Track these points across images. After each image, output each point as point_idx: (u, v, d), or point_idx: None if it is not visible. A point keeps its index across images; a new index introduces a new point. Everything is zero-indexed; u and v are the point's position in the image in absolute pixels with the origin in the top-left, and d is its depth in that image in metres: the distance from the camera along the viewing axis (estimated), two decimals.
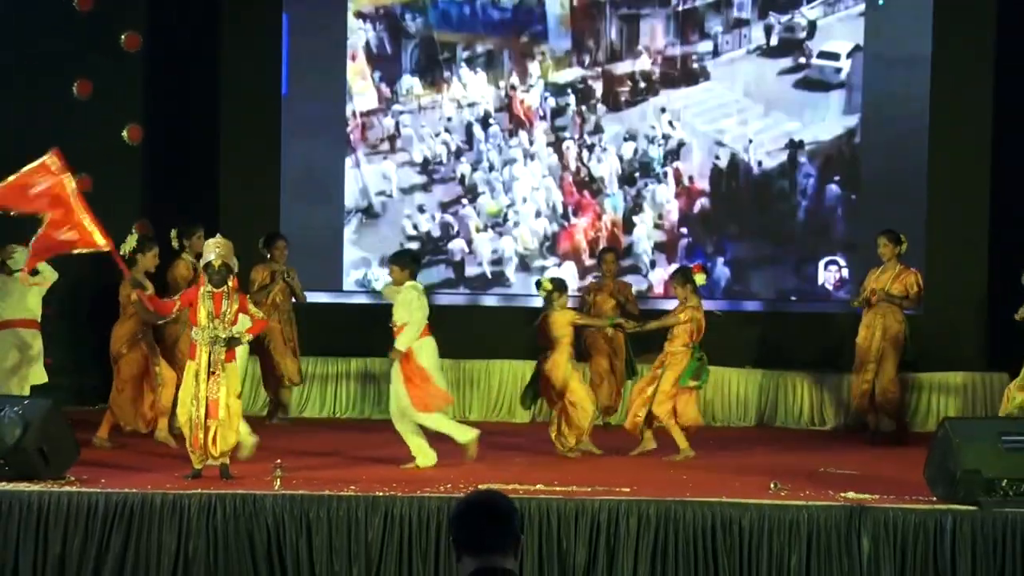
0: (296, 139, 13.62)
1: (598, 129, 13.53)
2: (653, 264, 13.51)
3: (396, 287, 10.06)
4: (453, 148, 13.64)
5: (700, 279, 10.65)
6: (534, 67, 13.58)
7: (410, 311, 9.89)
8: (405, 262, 10.18)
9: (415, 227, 13.70)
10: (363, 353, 13.28)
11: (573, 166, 13.58)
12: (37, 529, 8.35)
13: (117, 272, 10.48)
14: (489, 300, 13.74)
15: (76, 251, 9.48)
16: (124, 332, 10.81)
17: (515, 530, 4.28)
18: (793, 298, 13.61)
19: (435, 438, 10.03)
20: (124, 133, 13.44)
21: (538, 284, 10.90)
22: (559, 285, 10.81)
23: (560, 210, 13.59)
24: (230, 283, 9.26)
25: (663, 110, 13.45)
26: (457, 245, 13.67)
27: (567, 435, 10.67)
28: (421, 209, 13.69)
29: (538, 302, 11.42)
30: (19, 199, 9.36)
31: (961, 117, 13.16)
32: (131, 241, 10.80)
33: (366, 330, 13.37)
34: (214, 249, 9.24)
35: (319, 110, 13.66)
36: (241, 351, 9.78)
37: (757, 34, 13.41)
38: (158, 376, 10.76)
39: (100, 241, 9.35)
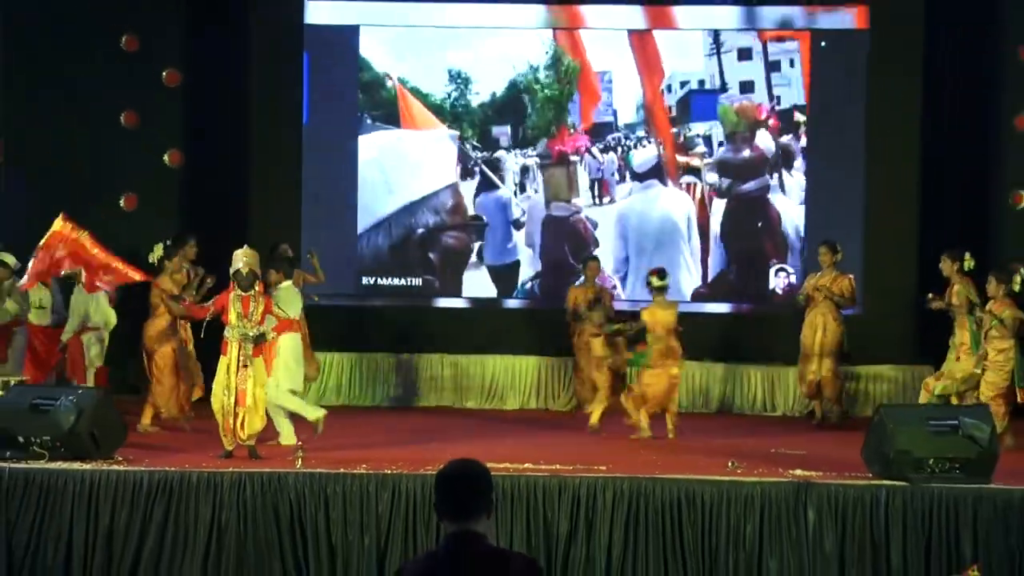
0: (315, 161, 13.59)
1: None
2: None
3: (274, 288, 10.06)
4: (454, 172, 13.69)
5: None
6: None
7: (286, 308, 9.80)
8: (281, 266, 10.30)
9: (417, 231, 13.68)
10: (373, 348, 13.27)
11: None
12: (89, 503, 8.33)
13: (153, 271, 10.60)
14: (483, 303, 13.70)
15: (118, 284, 10.81)
16: (156, 329, 10.70)
17: (488, 498, 4.24)
18: (747, 301, 13.63)
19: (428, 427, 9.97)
20: (166, 157, 13.40)
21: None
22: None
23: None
24: (256, 287, 9.25)
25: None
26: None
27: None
28: (421, 219, 13.68)
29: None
30: (50, 269, 10.56)
31: (893, 144, 13.21)
32: (158, 251, 10.77)
33: (376, 327, 13.41)
34: (242, 258, 9.23)
35: (334, 136, 13.63)
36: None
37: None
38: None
39: (135, 276, 10.66)
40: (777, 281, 13.46)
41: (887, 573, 8.10)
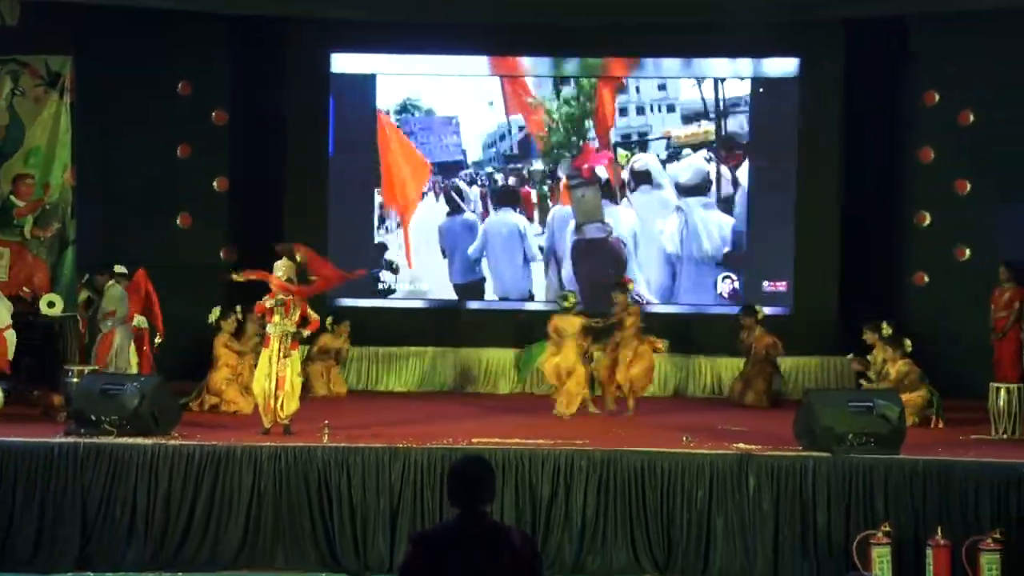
0: (339, 187, 13.56)
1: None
2: None
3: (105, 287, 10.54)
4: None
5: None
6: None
7: (116, 303, 10.29)
8: (111, 272, 10.64)
9: (426, 244, 13.57)
10: (383, 343, 13.24)
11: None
12: (150, 472, 8.34)
13: (211, 329, 10.77)
14: (480, 304, 13.67)
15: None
16: (221, 379, 10.83)
17: (491, 488, 4.33)
18: (700, 303, 13.62)
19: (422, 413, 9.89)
20: (215, 183, 13.40)
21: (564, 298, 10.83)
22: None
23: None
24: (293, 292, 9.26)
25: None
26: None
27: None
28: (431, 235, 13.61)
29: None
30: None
31: (820, 171, 13.23)
32: (215, 313, 10.85)
33: (390, 326, 13.38)
34: (280, 268, 9.29)
35: (356, 165, 13.60)
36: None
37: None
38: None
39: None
40: (723, 286, 13.45)
41: (814, 529, 8.13)
